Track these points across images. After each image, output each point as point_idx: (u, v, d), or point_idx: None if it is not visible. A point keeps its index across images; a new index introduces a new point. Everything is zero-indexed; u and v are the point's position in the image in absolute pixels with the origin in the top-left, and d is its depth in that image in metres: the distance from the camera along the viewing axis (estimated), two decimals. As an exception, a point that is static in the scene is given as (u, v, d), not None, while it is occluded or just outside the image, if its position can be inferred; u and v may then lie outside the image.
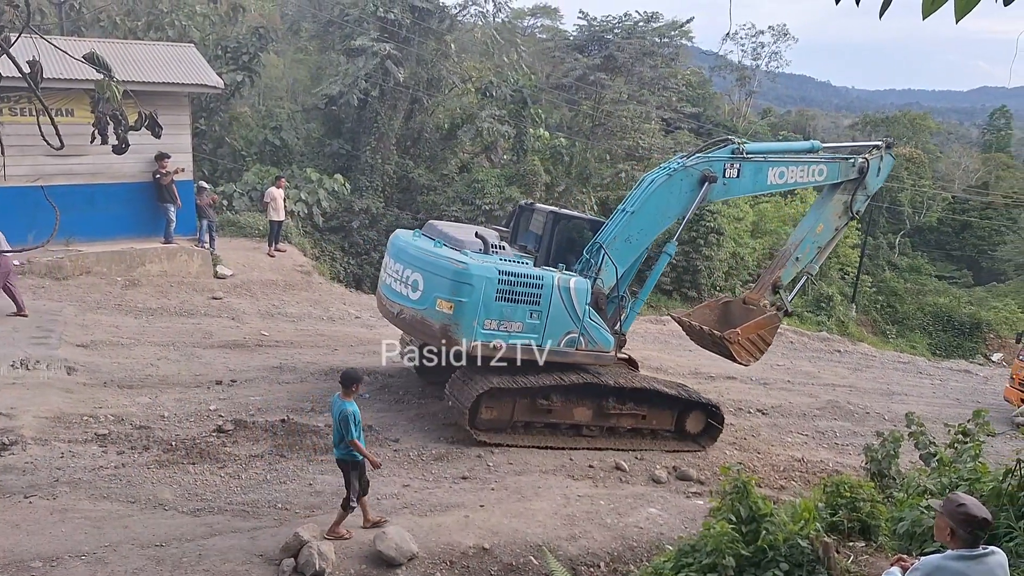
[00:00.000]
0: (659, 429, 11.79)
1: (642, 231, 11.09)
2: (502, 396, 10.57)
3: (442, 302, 10.00)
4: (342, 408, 7.50)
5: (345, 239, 24.16)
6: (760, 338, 11.62)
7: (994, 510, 6.42)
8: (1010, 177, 55.20)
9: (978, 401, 18.67)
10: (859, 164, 12.24)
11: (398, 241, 11.32)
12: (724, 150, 11.38)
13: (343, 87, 24.68)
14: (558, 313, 10.46)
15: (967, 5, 2.05)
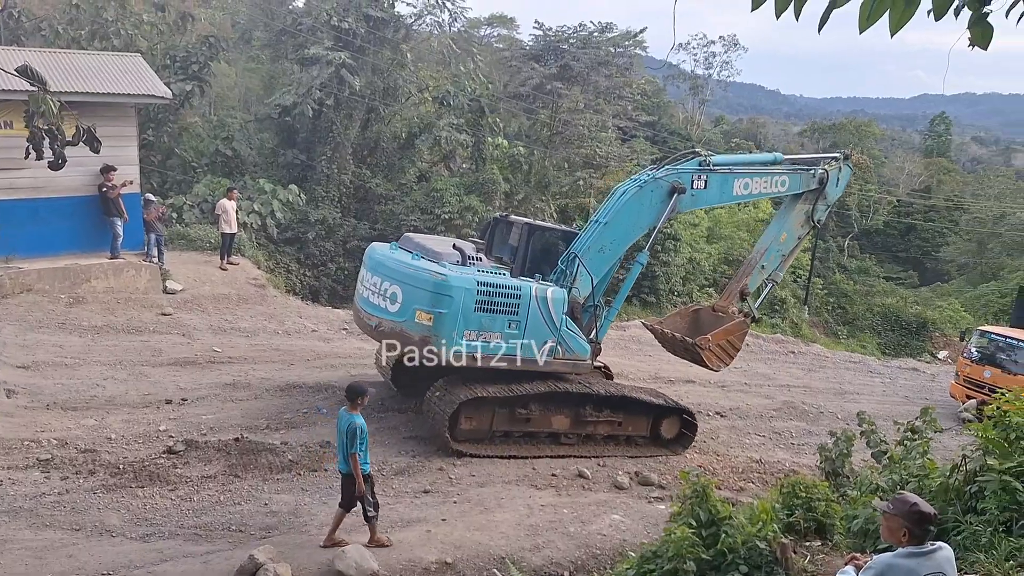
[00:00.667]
0: (635, 435, 12.04)
1: (615, 241, 11.37)
2: (481, 406, 10.72)
3: (421, 313, 10.06)
4: (351, 421, 7.48)
5: (301, 250, 23.81)
6: (730, 344, 12.00)
7: (942, 505, 6.60)
8: (951, 181, 57.23)
9: (926, 398, 19.21)
10: (819, 175, 12.66)
11: (375, 254, 11.35)
12: (691, 162, 11.76)
13: (297, 96, 24.37)
14: (536, 323, 10.60)
15: (900, 20, 2.11)
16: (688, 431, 12.34)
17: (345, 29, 24.95)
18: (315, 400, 12.26)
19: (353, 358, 14.85)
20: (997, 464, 6.18)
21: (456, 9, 28.83)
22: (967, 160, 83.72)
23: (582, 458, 11.43)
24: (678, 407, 12.19)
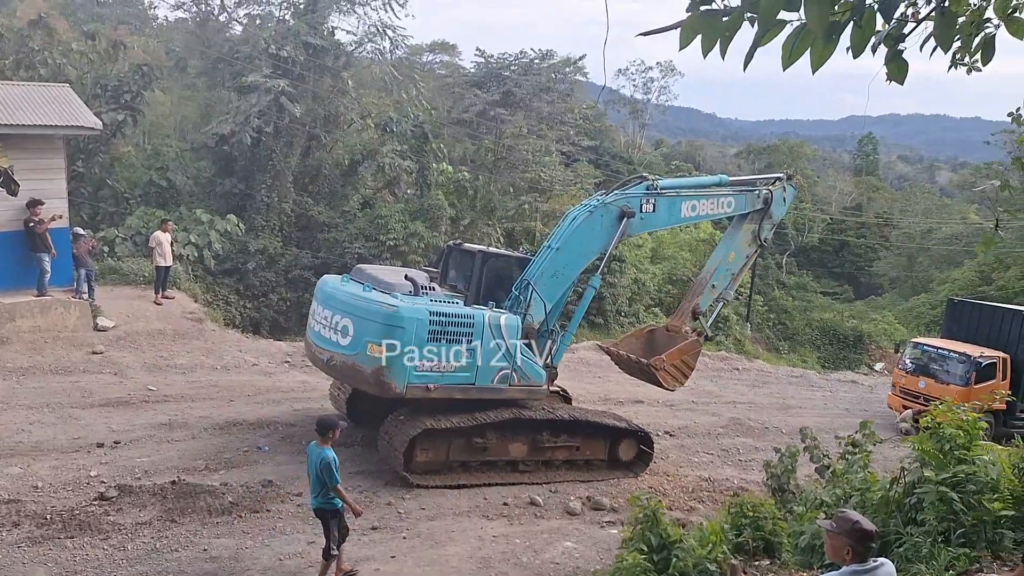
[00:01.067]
0: (593, 459, 12.12)
1: (567, 266, 11.49)
2: (437, 437, 10.63)
3: (373, 346, 9.97)
4: (322, 455, 7.35)
5: (240, 281, 23.24)
6: (684, 363, 12.18)
7: (883, 517, 6.72)
8: (880, 198, 59.60)
9: (865, 409, 19.75)
10: (764, 195, 13.00)
11: (326, 287, 11.23)
12: (639, 187, 11.97)
13: (235, 124, 23.93)
14: (490, 351, 10.63)
15: (820, 58, 2.19)
16: (645, 452, 12.49)
17: (284, 57, 24.71)
18: (256, 438, 11.92)
19: (296, 392, 14.50)
20: (934, 475, 6.34)
21: (397, 37, 28.90)
22: (894, 178, 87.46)
23: (540, 484, 11.36)
24: (635, 429, 12.31)
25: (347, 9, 28.09)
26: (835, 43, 2.26)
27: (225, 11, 31.31)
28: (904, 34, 2.55)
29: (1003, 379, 17.17)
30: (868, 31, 2.31)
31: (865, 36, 2.32)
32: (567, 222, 11.72)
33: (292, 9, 28.48)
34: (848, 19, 2.28)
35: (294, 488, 10.20)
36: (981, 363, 17.13)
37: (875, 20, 2.30)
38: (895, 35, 2.51)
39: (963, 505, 6.14)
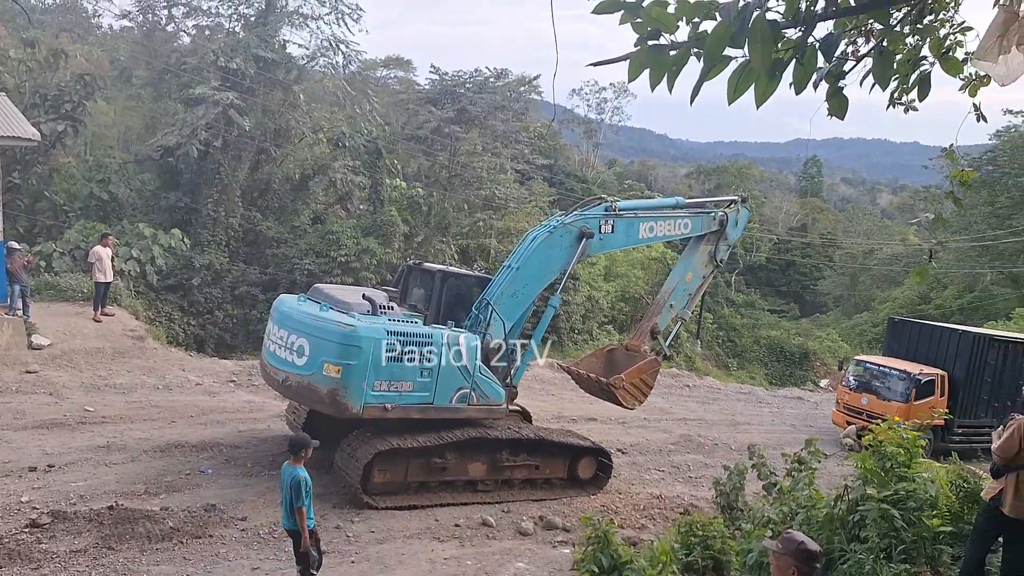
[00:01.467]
0: (552, 477, 12.20)
1: (527, 285, 11.59)
2: (395, 457, 10.58)
3: (329, 366, 9.91)
4: (293, 474, 7.27)
5: (184, 298, 22.64)
6: (643, 382, 12.30)
7: (828, 535, 6.84)
8: (824, 219, 61.51)
9: (811, 425, 20.22)
10: (719, 217, 13.29)
11: (282, 306, 11.15)
12: (598, 208, 12.15)
13: (181, 137, 23.40)
14: (448, 370, 10.64)
15: (764, 94, 2.25)
16: (603, 470, 12.62)
17: (233, 70, 24.31)
18: (199, 460, 11.59)
19: (242, 412, 14.16)
20: (876, 493, 6.47)
21: (350, 52, 28.72)
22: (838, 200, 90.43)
23: (498, 504, 11.36)
24: (595, 448, 12.50)
25: (299, 23, 27.85)
26: (778, 79, 2.32)
27: (173, 21, 30.69)
28: (844, 71, 2.63)
29: (941, 396, 17.75)
30: (810, 68, 2.38)
31: (807, 73, 2.38)
32: (527, 242, 11.85)
33: (242, 21, 28.09)
34: (791, 57, 2.34)
35: (238, 512, 9.92)
36: (921, 380, 17.68)
37: (817, 58, 2.37)
38: (836, 72, 2.59)
39: (904, 522, 6.28)
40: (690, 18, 2.23)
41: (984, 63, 2.56)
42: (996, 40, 2.47)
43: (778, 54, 2.30)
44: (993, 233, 36.10)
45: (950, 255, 38.19)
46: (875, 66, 2.59)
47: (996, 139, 39.36)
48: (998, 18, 2.49)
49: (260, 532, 9.49)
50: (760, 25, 2.07)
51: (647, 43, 2.27)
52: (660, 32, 2.26)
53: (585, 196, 47.87)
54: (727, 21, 2.09)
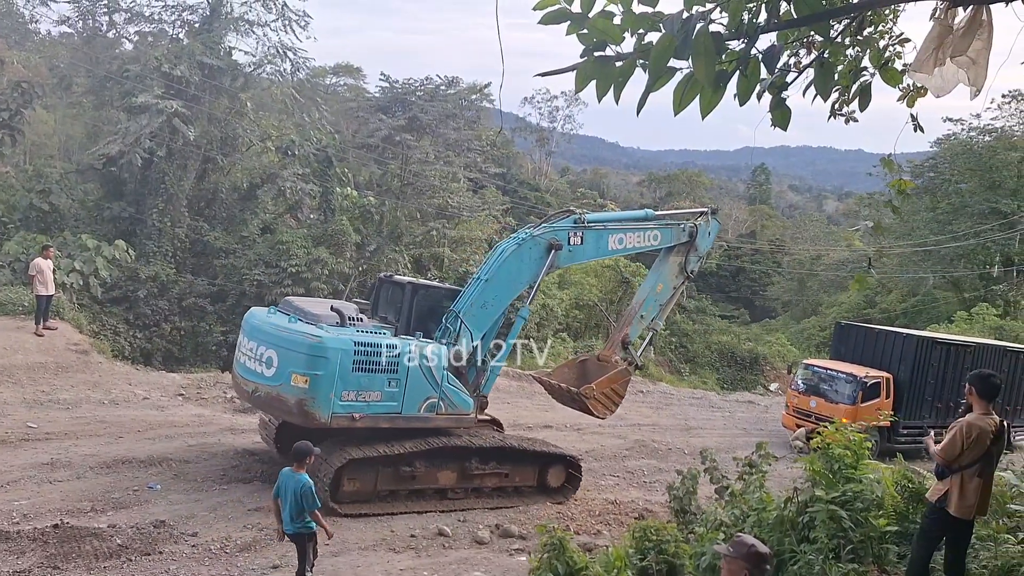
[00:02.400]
0: (522, 485, 12.36)
1: (497, 297, 11.76)
2: (363, 467, 10.74)
3: (297, 376, 10.13)
4: (301, 480, 7.48)
5: (130, 310, 22.02)
6: (614, 392, 12.41)
7: (779, 536, 6.98)
8: (772, 226, 63.01)
9: (761, 429, 20.61)
10: (689, 229, 13.43)
11: (252, 319, 11.36)
12: (567, 220, 12.31)
13: (124, 146, 22.78)
14: (416, 380, 10.85)
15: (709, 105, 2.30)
16: (573, 477, 12.81)
17: (177, 77, 23.78)
18: (147, 476, 11.34)
19: (191, 426, 13.84)
20: (824, 495, 6.63)
21: (298, 59, 28.34)
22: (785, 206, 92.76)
23: (468, 511, 11.50)
24: (565, 455, 12.75)
25: (245, 29, 27.35)
26: (723, 91, 2.37)
27: (114, 27, 29.79)
28: (787, 83, 2.70)
29: (887, 398, 18.26)
30: (753, 80, 2.43)
31: (750, 85, 2.44)
32: (496, 253, 12.04)
33: (186, 28, 27.47)
34: (735, 69, 2.39)
35: (188, 528, 9.73)
36: (867, 383, 18.14)
37: (760, 69, 2.42)
38: (779, 84, 2.65)
39: (851, 522, 6.45)
40: (635, 30, 2.26)
41: (920, 75, 2.66)
42: (932, 53, 2.56)
43: (722, 65, 2.35)
44: (935, 238, 37.44)
45: (894, 260, 39.44)
46: (816, 77, 2.66)
47: (937, 147, 40.88)
48: (933, 31, 2.59)
49: (211, 548, 9.30)
50: (703, 38, 2.11)
51: (593, 55, 2.29)
52: (606, 44, 2.29)
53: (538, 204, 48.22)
54: (671, 34, 2.12)
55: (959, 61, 2.49)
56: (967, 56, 2.46)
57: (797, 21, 2.45)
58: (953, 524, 5.72)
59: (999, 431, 5.64)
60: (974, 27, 2.45)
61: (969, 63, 2.47)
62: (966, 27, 2.48)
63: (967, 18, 2.49)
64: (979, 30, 2.45)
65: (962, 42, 2.45)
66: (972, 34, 2.45)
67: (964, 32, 2.47)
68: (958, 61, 2.49)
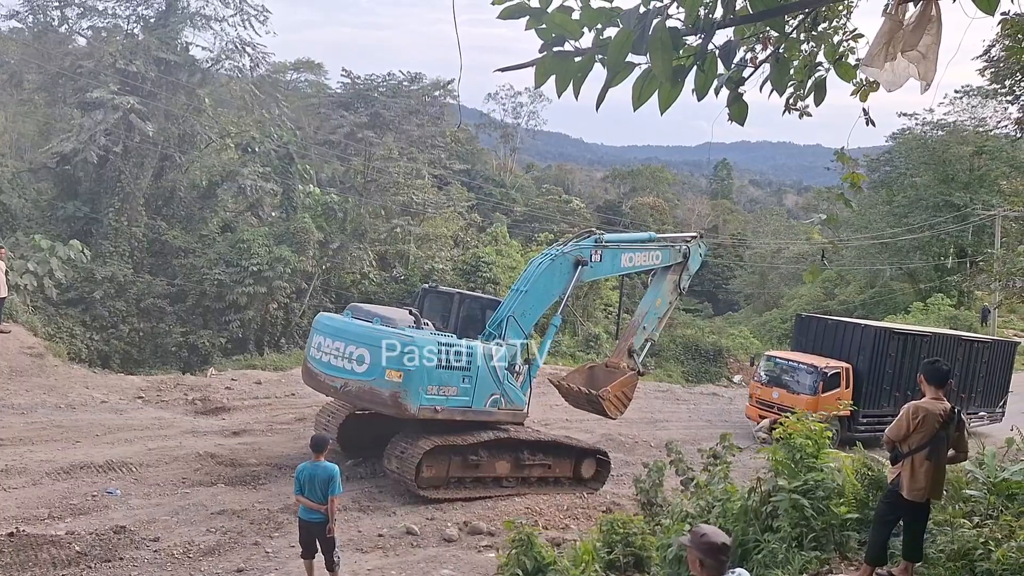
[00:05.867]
0: (561, 476, 13.53)
1: (533, 306, 13.00)
2: (441, 454, 11.88)
3: (391, 372, 11.19)
4: (328, 468, 7.90)
5: (86, 312, 21.54)
6: (624, 394, 13.64)
7: (743, 526, 7.07)
8: (734, 220, 63.97)
9: (725, 420, 20.89)
10: (683, 250, 14.94)
11: (333, 322, 12.55)
12: (589, 240, 13.58)
13: (78, 143, 22.24)
14: (484, 378, 12.03)
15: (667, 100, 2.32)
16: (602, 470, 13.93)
17: (133, 73, 23.26)
18: (106, 481, 11.11)
19: (151, 430, 13.60)
20: (787, 484, 6.73)
21: (257, 55, 27.89)
22: (746, 201, 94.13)
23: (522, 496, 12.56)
24: (592, 449, 14.03)
25: (202, 24, 26.82)
26: (681, 86, 2.38)
27: (66, 22, 28.93)
28: (744, 78, 2.72)
29: (847, 387, 18.59)
30: (711, 75, 2.45)
31: (708, 80, 2.45)
32: (532, 267, 13.35)
33: (141, 23, 26.84)
34: (692, 64, 2.40)
35: (150, 533, 9.55)
36: (827, 373, 18.46)
37: (717, 65, 2.44)
38: (736, 79, 2.67)
39: (813, 511, 6.55)
40: (593, 25, 2.26)
41: (872, 69, 2.72)
42: (883, 47, 2.61)
43: (679, 61, 2.36)
44: (891, 231, 38.33)
45: (852, 252, 40.26)
46: (772, 72, 2.69)
47: (892, 141, 41.81)
48: (884, 26, 2.63)
49: (174, 553, 9.15)
50: (660, 33, 2.12)
51: (552, 50, 2.29)
52: (565, 39, 2.28)
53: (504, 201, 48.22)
54: (628, 28, 2.12)
55: (910, 56, 2.56)
56: (917, 51, 2.53)
57: (752, 16, 2.48)
58: (907, 507, 5.84)
59: (948, 416, 5.76)
60: (924, 22, 2.51)
61: (919, 57, 2.54)
62: (916, 22, 2.55)
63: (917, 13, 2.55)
64: (929, 25, 2.51)
65: (912, 37, 2.51)
66: (922, 29, 2.51)
67: (914, 27, 2.53)
68: (909, 56, 2.56)
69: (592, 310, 35.31)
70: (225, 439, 13.72)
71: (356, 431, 13.04)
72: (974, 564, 5.71)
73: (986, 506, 6.64)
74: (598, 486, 13.78)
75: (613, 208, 56.87)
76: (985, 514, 6.48)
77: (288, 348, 25.43)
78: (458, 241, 35.37)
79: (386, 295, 28.68)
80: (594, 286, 33.11)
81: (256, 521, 10.21)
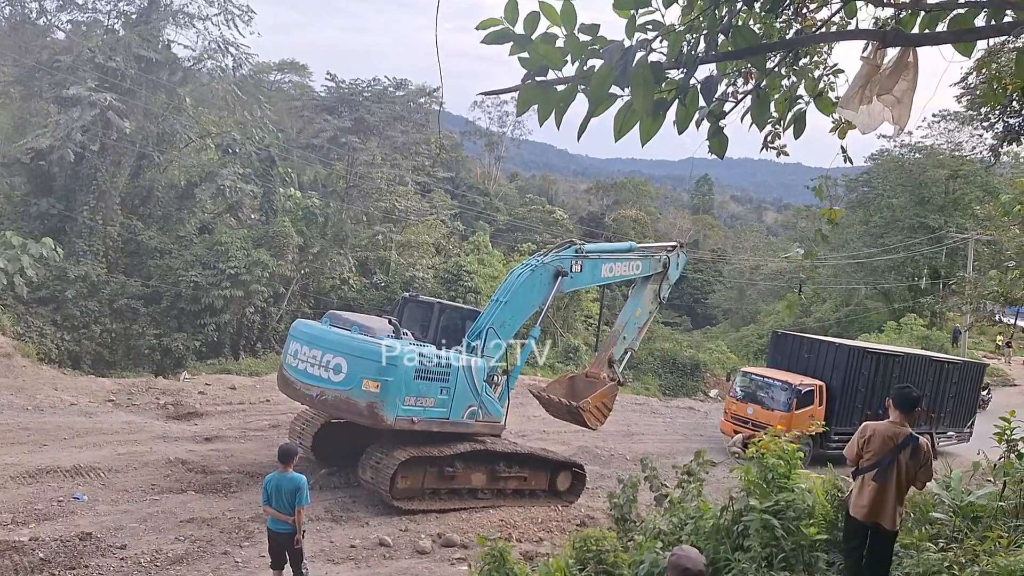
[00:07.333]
0: (536, 489, 13.49)
1: (513, 316, 12.88)
2: (416, 465, 11.80)
3: (369, 382, 11.07)
4: (294, 478, 7.80)
5: (57, 311, 21.19)
6: (604, 405, 13.67)
7: (714, 544, 7.09)
8: (715, 235, 64.55)
9: (701, 434, 21.00)
10: (663, 260, 14.92)
11: (310, 329, 12.34)
12: (569, 250, 13.51)
13: (55, 139, 21.93)
14: (462, 389, 11.96)
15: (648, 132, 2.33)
16: (577, 482, 13.92)
17: (112, 69, 23.00)
18: (73, 486, 10.90)
19: (120, 434, 13.37)
20: (758, 504, 6.77)
21: (240, 55, 27.69)
22: (727, 216, 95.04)
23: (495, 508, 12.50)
24: (569, 462, 14.03)
25: (185, 23, 26.59)
26: (662, 118, 2.40)
27: (45, 15, 28.55)
28: (725, 112, 2.74)
29: (820, 404, 18.81)
30: (692, 108, 2.47)
31: (689, 113, 2.48)
32: (512, 278, 13.22)
33: (122, 19, 26.55)
34: (674, 97, 2.41)
35: (117, 540, 9.36)
36: (801, 391, 18.65)
37: (698, 99, 2.46)
38: (717, 112, 2.70)
39: (784, 531, 6.59)
40: (576, 57, 2.27)
41: (848, 112, 2.78)
42: (859, 90, 2.67)
43: (661, 94, 2.38)
44: (867, 251, 38.87)
45: (828, 271, 40.77)
46: (753, 107, 2.72)
47: (871, 162, 42.45)
48: (862, 70, 2.70)
49: (141, 561, 8.98)
50: (642, 69, 2.13)
51: (535, 79, 2.29)
52: (548, 68, 2.29)
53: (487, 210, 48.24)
54: (610, 64, 2.14)
55: (885, 100, 2.62)
56: (893, 95, 2.60)
57: (734, 54, 2.51)
58: (857, 527, 5.89)
59: (904, 442, 5.70)
60: (900, 67, 2.58)
61: (894, 102, 2.61)
62: (893, 67, 2.62)
63: (894, 59, 2.62)
64: (905, 71, 2.58)
65: (889, 81, 2.58)
66: (898, 74, 2.58)
67: (891, 72, 2.60)
68: (884, 100, 2.62)
69: (572, 321, 35.39)
70: (197, 445, 13.54)
71: (331, 440, 12.96)
72: (939, 588, 5.77)
73: (952, 529, 6.72)
74: (573, 499, 13.75)
75: (596, 220, 57.14)
76: (951, 537, 6.56)
77: (264, 353, 25.19)
78: (440, 249, 35.31)
79: (366, 302, 28.54)
80: (575, 297, 33.19)
81: (226, 530, 10.06)
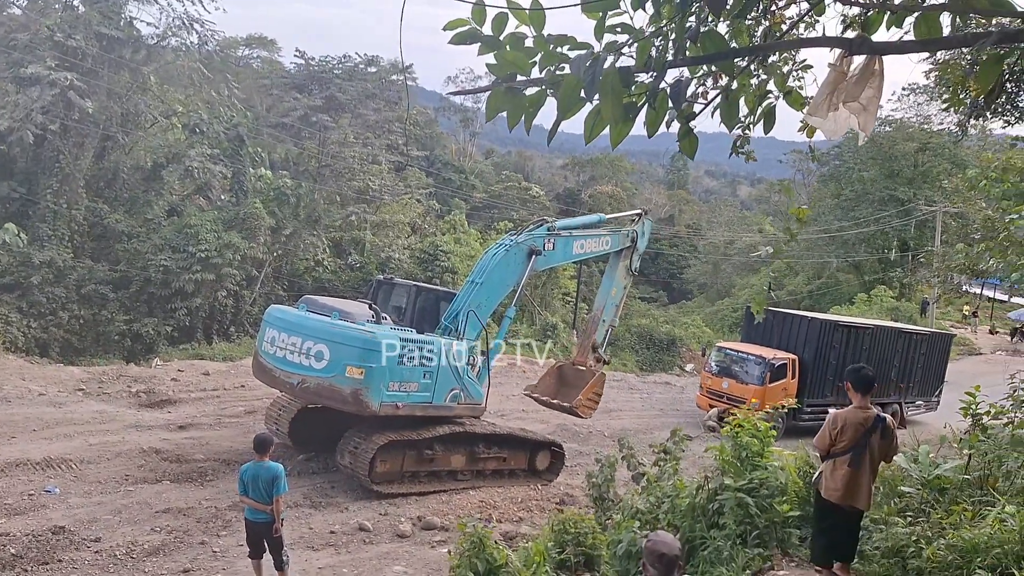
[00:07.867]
0: (516, 469, 13.63)
1: (489, 297, 12.97)
2: (395, 449, 11.84)
3: (352, 369, 11.04)
4: (271, 468, 7.77)
5: (23, 298, 20.76)
6: (595, 395, 14.17)
7: (690, 523, 7.20)
8: (689, 210, 64.83)
9: (677, 409, 21.26)
10: (631, 234, 15.19)
11: (287, 315, 12.21)
12: (541, 228, 13.63)
13: (13, 121, 21.33)
14: (445, 373, 12.02)
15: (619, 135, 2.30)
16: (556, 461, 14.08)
17: (72, 48, 22.34)
18: (43, 479, 10.75)
19: (92, 424, 13.19)
20: (733, 483, 6.88)
21: (206, 31, 27.03)
22: (702, 191, 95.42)
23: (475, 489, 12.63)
24: (547, 441, 14.14)
25: (147, -1, 25.87)
26: (632, 122, 2.38)
27: (0, -9, 27.65)
28: (695, 113, 2.72)
29: (793, 378, 19.13)
30: (661, 112, 2.45)
31: (659, 117, 2.46)
32: (487, 258, 13.28)
33: (83, -6, 25.75)
34: (644, 102, 2.39)
35: (90, 533, 9.26)
36: (775, 364, 18.94)
37: (667, 102, 2.44)
38: (687, 113, 2.68)
39: (757, 508, 6.72)
40: (544, 65, 2.24)
41: (815, 118, 2.79)
42: (827, 97, 2.69)
43: (631, 98, 2.35)
44: (839, 224, 39.33)
45: (801, 244, 41.22)
46: (722, 109, 2.71)
47: (842, 136, 42.80)
48: (829, 77, 2.72)
49: (116, 554, 8.90)
50: (610, 78, 2.10)
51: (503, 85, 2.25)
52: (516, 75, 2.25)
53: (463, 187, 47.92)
54: (577, 75, 2.11)
55: (851, 107, 2.66)
56: (859, 102, 2.63)
57: (702, 59, 2.49)
58: (829, 507, 5.98)
59: (872, 424, 5.79)
60: (867, 75, 2.61)
61: (860, 109, 2.64)
62: (859, 75, 2.65)
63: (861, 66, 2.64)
64: (871, 78, 2.61)
65: (855, 89, 2.61)
66: (864, 82, 2.61)
67: (857, 80, 2.64)
68: (850, 107, 2.65)
69: (550, 299, 35.46)
70: (171, 433, 13.41)
71: (308, 425, 12.94)
72: (906, 561, 5.90)
73: (919, 501, 6.87)
74: (552, 477, 13.91)
75: (572, 196, 57.06)
76: (919, 510, 6.70)
77: (238, 337, 24.92)
78: (416, 228, 35.10)
79: (341, 283, 28.31)
80: (552, 275, 33.21)
81: (203, 519, 10.01)
